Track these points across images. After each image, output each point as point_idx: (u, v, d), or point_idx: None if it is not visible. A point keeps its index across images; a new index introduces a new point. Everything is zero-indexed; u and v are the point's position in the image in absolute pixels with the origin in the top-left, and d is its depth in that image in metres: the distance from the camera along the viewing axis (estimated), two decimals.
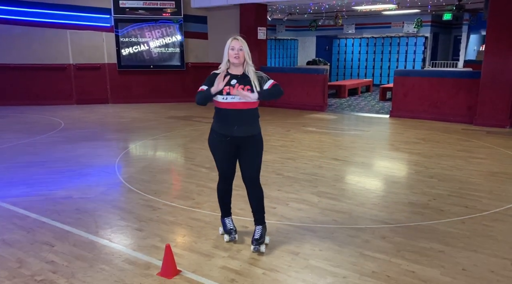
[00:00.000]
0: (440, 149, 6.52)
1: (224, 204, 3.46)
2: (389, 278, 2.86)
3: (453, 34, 17.93)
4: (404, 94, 9.45)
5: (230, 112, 3.09)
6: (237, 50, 3.06)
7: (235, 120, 3.10)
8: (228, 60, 3.11)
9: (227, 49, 3.09)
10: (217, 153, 3.26)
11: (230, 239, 3.41)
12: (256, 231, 3.29)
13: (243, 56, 3.07)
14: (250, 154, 3.21)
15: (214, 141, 3.24)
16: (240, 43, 3.07)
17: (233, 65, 3.12)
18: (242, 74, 3.13)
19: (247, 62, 3.12)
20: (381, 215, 3.98)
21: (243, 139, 3.15)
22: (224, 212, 3.48)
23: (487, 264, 3.04)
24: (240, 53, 3.06)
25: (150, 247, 3.34)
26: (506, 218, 3.86)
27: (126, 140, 7.46)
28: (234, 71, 3.13)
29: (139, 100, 11.94)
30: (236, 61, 3.07)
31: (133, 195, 4.58)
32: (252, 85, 3.08)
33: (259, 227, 3.30)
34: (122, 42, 11.55)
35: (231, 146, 3.19)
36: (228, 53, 3.09)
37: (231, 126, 3.11)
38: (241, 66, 3.13)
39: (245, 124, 3.13)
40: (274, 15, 14.45)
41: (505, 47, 7.91)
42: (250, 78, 3.11)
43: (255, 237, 3.26)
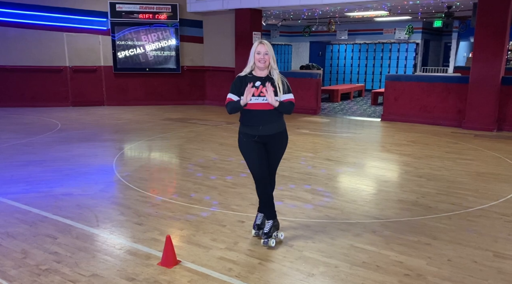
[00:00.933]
0: (429, 150, 6.72)
1: (264, 201, 3.43)
2: (378, 268, 3.02)
3: (443, 41, 18.30)
4: (395, 98, 9.68)
5: (255, 113, 3.23)
6: (263, 54, 3.20)
7: (260, 120, 3.23)
8: (253, 63, 3.25)
9: (253, 53, 3.23)
10: (249, 155, 3.34)
11: (254, 234, 3.50)
12: (268, 224, 3.42)
13: (269, 60, 3.22)
14: (276, 150, 3.37)
15: (244, 144, 3.34)
16: (266, 47, 3.22)
17: (258, 67, 3.26)
18: (266, 76, 3.27)
19: (271, 66, 3.26)
20: (372, 211, 4.15)
21: (270, 137, 3.28)
22: (263, 211, 3.48)
23: (471, 255, 3.21)
24: (266, 57, 3.21)
25: (150, 239, 3.47)
26: (490, 214, 4.04)
27: (122, 141, 7.58)
28: (258, 74, 3.28)
29: (135, 102, 12.05)
30: (262, 65, 3.22)
31: (131, 192, 4.70)
32: (276, 87, 3.22)
33: (270, 222, 3.42)
34: (118, 45, 11.68)
35: (260, 145, 3.30)
36: (254, 57, 3.23)
37: (257, 125, 3.24)
38: (266, 69, 3.27)
39: (270, 122, 3.24)
40: (269, 20, 14.67)
41: (491, 54, 8.17)
42: (275, 80, 3.24)
43: (266, 230, 3.38)
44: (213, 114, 10.66)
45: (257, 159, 3.30)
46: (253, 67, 3.28)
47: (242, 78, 3.27)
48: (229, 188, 4.81)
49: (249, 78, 3.25)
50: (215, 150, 6.69)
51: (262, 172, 3.31)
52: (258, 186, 3.39)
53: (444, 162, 6.00)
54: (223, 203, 4.32)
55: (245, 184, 4.97)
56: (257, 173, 3.32)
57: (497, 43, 8.11)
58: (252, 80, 3.23)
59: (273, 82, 3.24)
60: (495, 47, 8.13)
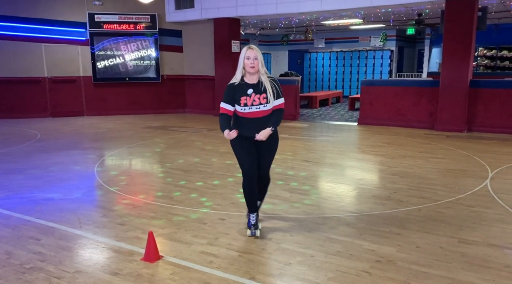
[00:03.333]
0: (403, 151, 7.00)
1: (249, 199, 3.55)
2: (351, 256, 3.19)
3: (417, 48, 18.92)
4: (371, 102, 10.00)
5: (249, 120, 3.37)
6: (252, 59, 3.27)
7: (254, 126, 3.36)
8: (243, 68, 3.32)
9: (243, 58, 3.29)
10: (239, 152, 3.47)
11: (250, 234, 3.54)
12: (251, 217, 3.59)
13: (258, 65, 3.29)
14: (267, 150, 3.53)
15: (236, 142, 3.45)
16: (255, 52, 3.29)
17: (248, 73, 3.33)
18: (257, 82, 3.34)
19: (260, 70, 3.32)
20: (347, 206, 4.34)
21: (262, 141, 3.40)
22: (249, 208, 3.59)
23: (438, 242, 3.42)
24: (255, 62, 3.27)
25: (132, 238, 3.57)
26: (457, 206, 4.28)
27: (103, 148, 7.62)
28: (249, 80, 3.35)
29: (115, 112, 12.07)
30: (252, 70, 3.28)
31: (113, 195, 4.78)
32: (268, 93, 3.33)
33: (253, 215, 3.58)
34: (97, 55, 11.72)
35: (252, 145, 3.46)
36: (244, 62, 3.29)
37: (251, 131, 3.37)
38: (256, 74, 3.34)
39: (263, 128, 3.35)
40: (247, 29, 14.95)
41: (459, 59, 8.57)
42: (266, 86, 3.32)
43: (251, 222, 3.56)
44: (194, 122, 10.78)
45: (247, 156, 3.44)
46: (244, 72, 3.34)
47: (235, 86, 3.34)
48: (210, 189, 4.94)
49: (241, 86, 3.32)
50: (196, 155, 6.81)
51: (251, 169, 3.45)
52: (246, 182, 3.50)
53: (417, 161, 6.27)
54: (204, 203, 4.44)
55: (225, 185, 5.10)
56: (247, 170, 3.45)
57: (464, 48, 8.52)
58: (243, 88, 3.31)
59: (263, 89, 3.33)
60: (462, 52, 8.54)
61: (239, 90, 3.32)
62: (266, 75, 3.35)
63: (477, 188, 4.84)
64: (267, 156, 3.56)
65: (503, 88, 8.60)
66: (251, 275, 2.90)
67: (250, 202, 3.56)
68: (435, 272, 2.91)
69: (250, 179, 3.47)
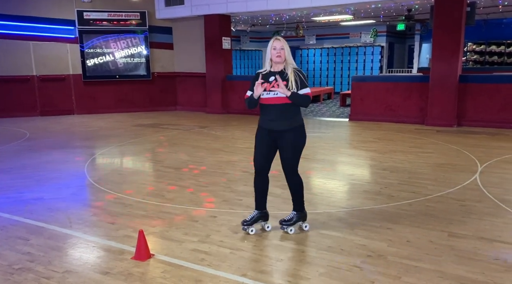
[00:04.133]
0: (393, 146, 7.04)
1: (258, 196, 3.57)
2: (342, 251, 3.20)
3: (407, 44, 19.00)
4: (361, 98, 10.03)
5: (269, 107, 3.33)
6: (278, 50, 3.30)
7: (272, 114, 3.32)
8: (270, 59, 3.36)
9: (270, 49, 3.34)
10: (257, 145, 3.45)
11: (242, 228, 3.56)
12: (291, 213, 3.59)
13: (284, 55, 3.32)
14: (286, 147, 3.38)
15: (258, 134, 3.47)
16: (281, 43, 3.32)
17: (275, 63, 3.37)
18: (280, 71, 3.35)
19: (287, 60, 3.35)
20: (338, 201, 4.35)
21: (280, 133, 3.34)
22: (256, 204, 3.60)
23: (428, 236, 3.45)
24: (282, 52, 3.30)
25: (123, 236, 3.54)
26: (447, 200, 4.32)
27: (93, 147, 7.56)
28: (274, 68, 3.38)
29: (106, 110, 11.97)
30: (278, 59, 3.31)
31: (104, 194, 4.74)
32: (289, 81, 3.28)
33: (293, 212, 3.58)
34: (87, 53, 11.61)
35: (270, 141, 3.40)
36: (270, 53, 3.34)
37: (269, 119, 3.35)
38: (281, 64, 3.36)
39: (281, 118, 3.31)
40: (238, 26, 14.91)
41: (449, 53, 8.63)
42: (289, 75, 3.30)
43: (285, 218, 3.57)
44: (185, 119, 10.74)
45: (259, 153, 3.44)
46: (271, 63, 3.39)
47: (260, 75, 3.37)
48: (201, 187, 4.92)
49: (266, 74, 3.36)
50: (187, 153, 6.78)
51: (261, 165, 3.45)
52: (256, 177, 3.52)
53: (407, 155, 6.31)
54: (195, 201, 4.43)
55: (217, 183, 5.09)
56: (256, 166, 3.48)
57: (454, 43, 8.57)
58: (268, 75, 3.35)
59: (286, 77, 3.30)
60: (452, 47, 8.59)
61: (264, 78, 3.35)
62: (292, 65, 3.37)
63: (467, 182, 4.88)
64: (285, 153, 3.40)
65: (492, 83, 8.68)
66: (242, 272, 2.90)
67: (257, 198, 3.58)
68: (426, 266, 2.93)
69: (258, 174, 3.51)
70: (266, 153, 3.43)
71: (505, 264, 2.93)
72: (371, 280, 2.77)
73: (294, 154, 3.42)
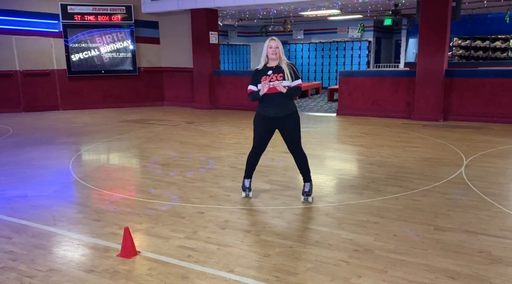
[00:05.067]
0: (380, 140, 7.08)
1: (249, 168, 4.26)
2: (330, 246, 3.21)
3: (394, 39, 19.12)
4: (349, 93, 10.06)
5: (267, 96, 3.89)
6: (274, 48, 3.89)
7: (271, 103, 3.93)
8: (266, 56, 3.93)
9: (266, 47, 3.92)
10: (257, 129, 4.10)
11: (245, 195, 4.31)
12: (305, 186, 4.18)
13: (279, 53, 3.90)
14: (288, 130, 4.04)
15: (256, 120, 4.10)
16: (276, 42, 3.92)
17: (270, 59, 3.94)
18: (276, 66, 3.93)
19: (281, 57, 3.92)
20: (326, 196, 4.36)
21: (279, 119, 3.97)
22: (246, 174, 4.29)
23: (415, 230, 3.47)
24: (277, 50, 3.89)
25: (108, 234, 3.50)
26: (433, 193, 4.35)
27: (78, 143, 7.44)
28: (270, 64, 3.96)
29: (91, 106, 11.81)
30: (274, 56, 3.90)
31: (89, 191, 4.68)
32: (285, 74, 3.90)
33: (307, 183, 4.18)
34: (71, 48, 11.41)
35: (269, 126, 4.04)
36: (267, 50, 3.91)
37: (268, 107, 3.95)
38: (276, 60, 3.93)
39: (279, 106, 3.93)
40: (225, 20, 14.80)
41: (435, 48, 8.69)
42: (283, 68, 3.91)
43: (305, 190, 4.17)
44: (172, 115, 10.65)
45: (260, 134, 4.10)
46: (266, 60, 3.95)
47: (258, 71, 3.99)
48: (189, 183, 4.88)
49: (263, 70, 3.95)
50: (174, 148, 6.73)
51: (259, 144, 4.15)
52: (252, 152, 4.21)
53: (394, 150, 6.35)
54: (182, 197, 4.39)
55: (204, 178, 5.06)
56: (255, 144, 4.16)
57: (440, 38, 8.64)
58: (265, 70, 3.94)
59: (280, 70, 3.90)
60: (438, 42, 8.65)
61: (261, 73, 3.95)
62: (285, 60, 3.97)
63: (452, 176, 4.93)
64: (291, 135, 4.06)
65: (477, 77, 8.77)
66: (229, 268, 2.88)
67: (248, 169, 4.27)
68: (412, 260, 2.94)
69: (255, 151, 4.19)
70: (264, 135, 4.10)
71: (490, 257, 2.96)
72: (358, 274, 2.77)
73: (297, 132, 4.08)
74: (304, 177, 4.20)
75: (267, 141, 4.16)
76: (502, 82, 8.50)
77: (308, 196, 4.17)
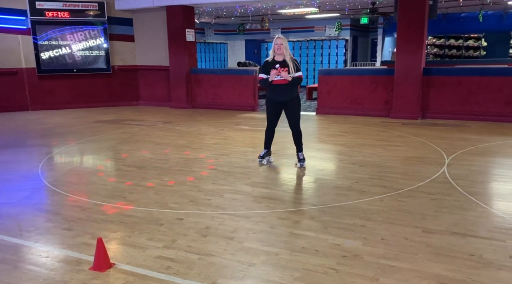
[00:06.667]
0: (361, 139, 7.01)
1: (267, 140, 5.49)
2: (317, 252, 3.06)
3: (370, 37, 19.27)
4: (328, 92, 9.99)
5: (276, 86, 5.10)
6: (279, 45, 4.96)
7: (279, 90, 5.12)
8: (273, 50, 5.00)
9: (273, 44, 4.99)
10: (269, 110, 5.33)
11: (259, 161, 5.50)
12: (299, 154, 5.36)
13: (283, 49, 4.97)
14: (291, 110, 5.24)
15: (268, 103, 5.33)
16: (281, 40, 4.97)
17: (276, 54, 5.01)
18: (283, 60, 5.02)
19: (285, 53, 4.99)
20: (310, 198, 4.22)
21: (286, 102, 5.18)
22: (265, 145, 5.53)
23: (402, 233, 3.37)
24: (281, 47, 4.96)
25: (80, 244, 3.25)
26: (418, 194, 4.28)
27: (49, 145, 7.07)
28: (277, 58, 5.05)
29: (63, 106, 11.35)
30: (279, 52, 5.00)
31: (60, 197, 4.39)
32: (289, 67, 4.99)
33: (301, 153, 5.38)
34: (41, 45, 10.91)
35: (277, 107, 5.24)
36: (273, 47, 4.99)
37: (277, 94, 5.16)
38: (282, 55, 5.01)
39: (286, 93, 5.13)
40: (202, 18, 14.51)
41: (413, 46, 8.71)
42: (288, 63, 5.00)
43: (300, 158, 5.35)
44: (148, 114, 10.33)
45: (272, 114, 5.32)
46: (274, 54, 5.02)
47: (268, 63, 5.08)
48: (166, 187, 4.66)
49: (271, 62, 5.05)
50: (150, 150, 6.47)
51: (272, 122, 5.37)
52: (268, 128, 5.44)
53: (375, 149, 6.29)
54: (160, 202, 4.17)
55: (183, 181, 4.84)
56: (269, 121, 5.39)
57: (418, 36, 8.66)
58: (273, 64, 5.03)
59: (286, 64, 4.99)
60: (416, 40, 8.68)
61: (270, 65, 5.04)
62: (289, 56, 5.04)
63: (436, 175, 4.88)
64: (292, 114, 5.25)
65: (454, 76, 8.84)
66: (212, 280, 2.70)
67: (266, 141, 5.52)
68: (403, 266, 2.83)
69: (270, 127, 5.43)
70: (275, 115, 5.31)
71: (481, 260, 2.88)
72: (349, 283, 2.64)
73: (298, 114, 5.31)
74: (298, 148, 5.36)
75: (277, 119, 5.33)
76: (478, 80, 8.60)
77: (303, 162, 5.29)
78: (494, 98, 8.46)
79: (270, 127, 5.40)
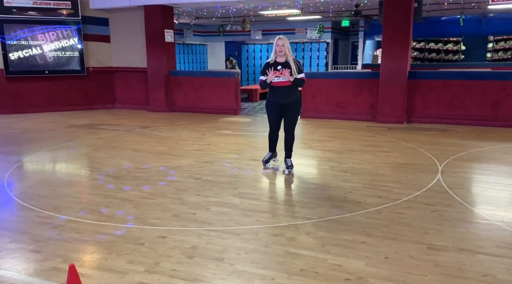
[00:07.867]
0: (349, 145, 6.79)
1: (271, 144, 5.36)
2: (317, 275, 2.77)
3: (351, 40, 19.23)
4: (312, 95, 9.77)
5: (277, 88, 4.90)
6: (280, 46, 4.77)
7: (280, 92, 4.92)
8: (275, 51, 4.82)
9: (275, 45, 4.80)
10: (270, 114, 5.13)
11: (263, 165, 5.41)
12: (287, 161, 5.17)
13: (285, 50, 4.79)
14: (291, 113, 5.05)
15: (269, 105, 5.12)
16: (283, 41, 4.79)
17: (279, 55, 4.83)
18: (285, 62, 4.83)
19: (287, 54, 4.81)
20: (303, 211, 3.93)
21: (287, 105, 4.98)
22: (270, 148, 5.40)
23: (407, 250, 3.12)
24: (283, 48, 4.78)
25: (50, 270, 2.86)
26: (416, 205, 4.06)
27: (17, 153, 6.56)
28: (279, 60, 4.86)
29: (34, 109, 10.73)
30: (280, 53, 4.81)
31: (27, 212, 3.96)
32: (292, 68, 4.80)
33: (289, 159, 5.18)
34: (9, 46, 10.29)
35: (278, 109, 5.03)
36: (275, 48, 4.80)
37: (278, 96, 4.94)
38: (284, 56, 4.83)
39: (287, 95, 4.92)
40: (181, 18, 14.08)
41: (399, 49, 8.58)
42: (290, 64, 4.81)
43: (288, 164, 5.15)
44: (125, 119, 9.86)
45: (273, 116, 5.12)
46: (275, 55, 4.83)
47: (270, 64, 4.87)
48: (147, 199, 4.29)
49: (273, 64, 4.83)
50: (128, 158, 6.06)
51: (275, 125, 5.17)
52: (270, 132, 5.25)
53: (365, 155, 6.07)
54: (140, 218, 3.79)
55: (164, 193, 4.47)
56: (272, 125, 5.19)
57: (403, 39, 8.54)
58: (275, 65, 4.82)
59: (289, 65, 4.80)
60: (401, 43, 8.55)
61: (270, 67, 4.82)
62: (292, 57, 4.85)
63: (431, 184, 4.68)
64: (291, 117, 5.05)
65: (439, 79, 8.76)
66: None
67: (270, 145, 5.37)
68: None
69: (272, 130, 5.23)
70: (277, 118, 5.10)
71: (496, 282, 2.65)
72: None
73: (296, 118, 5.13)
74: (288, 153, 5.14)
75: (280, 121, 5.13)
76: (463, 84, 8.54)
77: (291, 168, 5.08)
78: (479, 102, 8.40)
79: (273, 130, 5.21)
